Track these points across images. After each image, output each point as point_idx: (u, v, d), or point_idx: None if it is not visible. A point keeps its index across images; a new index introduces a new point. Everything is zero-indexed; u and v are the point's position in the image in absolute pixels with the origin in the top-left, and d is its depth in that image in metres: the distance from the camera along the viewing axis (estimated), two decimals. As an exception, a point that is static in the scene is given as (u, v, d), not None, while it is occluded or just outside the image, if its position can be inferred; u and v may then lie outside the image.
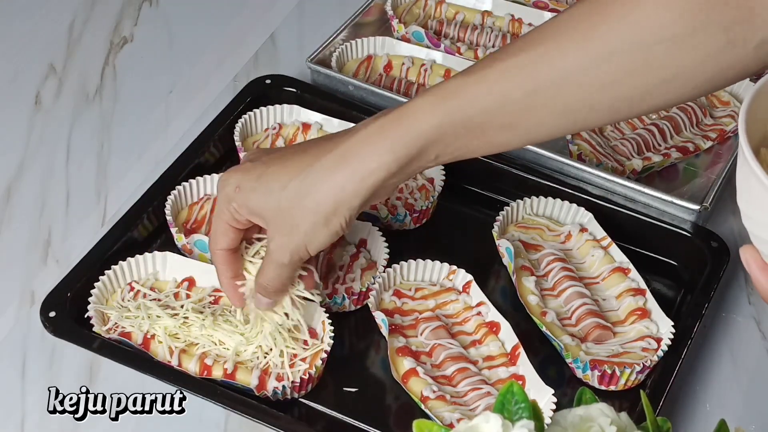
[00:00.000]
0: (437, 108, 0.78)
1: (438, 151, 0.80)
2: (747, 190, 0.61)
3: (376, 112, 0.82)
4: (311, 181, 0.81)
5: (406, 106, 0.80)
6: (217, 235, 0.87)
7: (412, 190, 1.04)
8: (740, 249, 0.63)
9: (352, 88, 1.13)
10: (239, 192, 0.83)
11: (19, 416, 0.90)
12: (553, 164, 1.05)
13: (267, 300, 0.88)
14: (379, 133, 0.80)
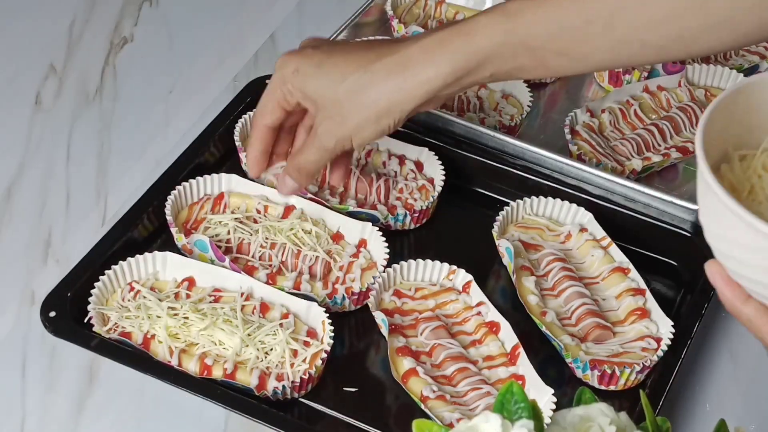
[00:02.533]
0: (497, 26, 0.82)
1: (494, 68, 0.83)
2: (707, 207, 0.61)
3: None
4: (369, 79, 0.84)
5: (467, 21, 0.83)
6: (264, 110, 0.91)
7: (412, 190, 1.04)
8: (705, 264, 0.64)
9: (352, 88, 1.13)
10: (296, 75, 0.87)
11: (19, 416, 0.90)
12: (553, 164, 1.05)
13: (293, 185, 0.91)
14: (439, 44, 0.83)
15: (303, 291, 0.94)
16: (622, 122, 1.12)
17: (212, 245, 0.96)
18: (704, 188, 0.61)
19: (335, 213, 1.00)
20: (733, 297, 0.64)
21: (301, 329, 0.92)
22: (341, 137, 0.87)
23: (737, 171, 0.65)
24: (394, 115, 0.85)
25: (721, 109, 0.64)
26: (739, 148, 0.66)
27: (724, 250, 0.62)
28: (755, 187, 0.64)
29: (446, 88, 0.84)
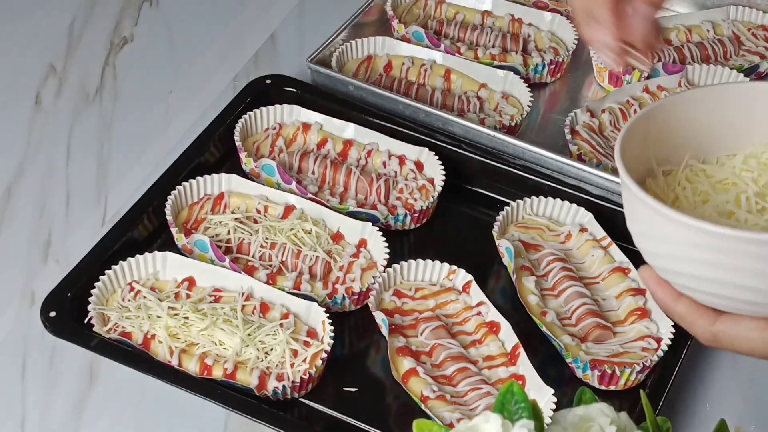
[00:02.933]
0: None
1: None
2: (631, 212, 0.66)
3: (376, 113, 0.81)
4: None
5: None
6: None
7: (412, 190, 1.04)
8: (639, 270, 0.67)
9: (352, 88, 1.13)
10: None
11: (19, 416, 0.90)
12: (553, 164, 1.05)
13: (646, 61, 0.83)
14: None
15: (303, 291, 0.94)
16: (622, 122, 1.12)
17: (212, 245, 0.96)
18: (627, 194, 0.65)
19: (335, 213, 1.00)
20: (664, 296, 0.66)
21: (301, 329, 0.92)
22: None
23: (662, 184, 0.70)
24: None
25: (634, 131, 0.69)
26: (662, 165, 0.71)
27: (652, 249, 0.66)
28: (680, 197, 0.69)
29: None
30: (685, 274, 0.64)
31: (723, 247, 0.61)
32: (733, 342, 0.65)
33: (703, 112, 0.72)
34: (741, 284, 0.62)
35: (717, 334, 0.65)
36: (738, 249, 0.61)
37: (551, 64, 1.18)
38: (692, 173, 0.71)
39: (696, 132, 0.72)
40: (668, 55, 1.18)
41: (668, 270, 0.66)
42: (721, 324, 0.65)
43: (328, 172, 1.05)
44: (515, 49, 1.19)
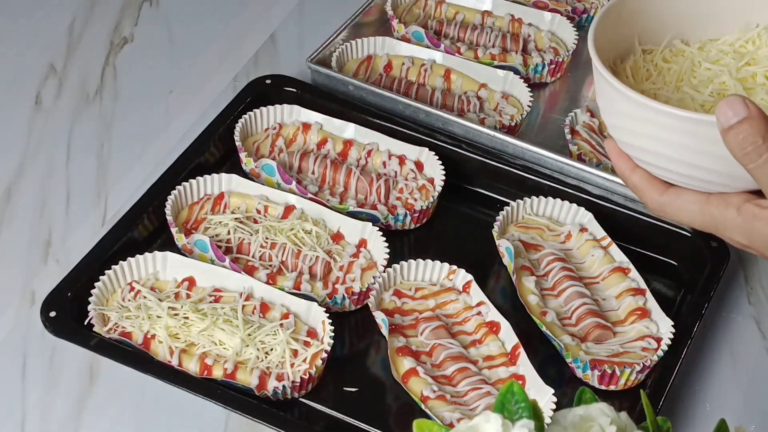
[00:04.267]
0: None
1: None
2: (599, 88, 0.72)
3: (376, 112, 0.82)
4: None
5: None
6: None
7: (412, 190, 1.04)
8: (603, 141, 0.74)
9: (352, 88, 1.13)
10: None
11: (19, 416, 0.90)
12: (553, 164, 1.05)
13: None
14: None
15: (303, 291, 0.94)
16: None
17: (212, 245, 0.96)
18: (596, 74, 0.71)
19: (335, 213, 1.00)
20: (623, 166, 0.73)
21: (301, 329, 0.92)
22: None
23: (639, 61, 0.76)
24: None
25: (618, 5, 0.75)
26: (644, 44, 0.78)
27: (614, 123, 0.72)
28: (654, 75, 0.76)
29: None
30: (638, 147, 0.71)
31: (671, 125, 0.66)
32: (676, 213, 0.71)
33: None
34: (683, 160, 0.68)
35: (663, 205, 0.72)
36: (680, 127, 0.66)
37: (551, 64, 1.18)
38: (672, 54, 0.77)
39: (681, 14, 0.77)
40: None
41: (626, 143, 0.72)
42: (667, 196, 0.71)
43: (328, 172, 1.05)
44: (515, 49, 1.19)
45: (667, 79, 0.75)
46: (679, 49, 0.77)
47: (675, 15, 0.77)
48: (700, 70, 0.75)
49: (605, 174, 1.03)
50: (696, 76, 0.75)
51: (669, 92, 0.74)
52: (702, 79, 0.75)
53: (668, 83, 0.75)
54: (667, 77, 0.75)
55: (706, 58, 0.76)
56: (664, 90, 0.74)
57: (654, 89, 0.75)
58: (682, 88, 0.74)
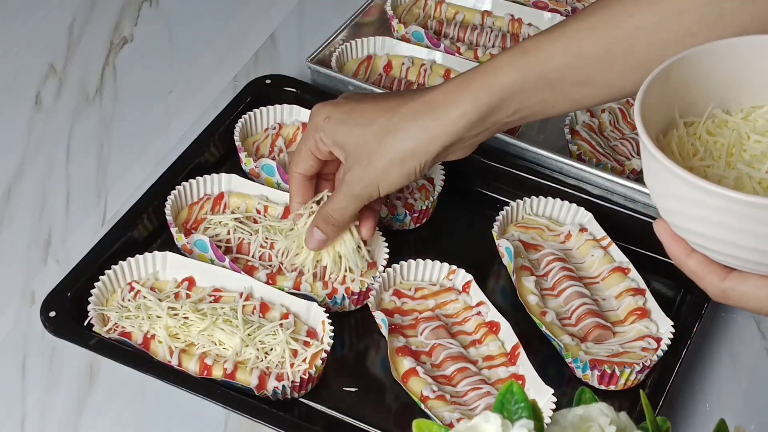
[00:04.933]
0: (516, 62, 0.83)
1: (517, 105, 0.85)
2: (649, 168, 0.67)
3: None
4: (396, 121, 0.86)
5: (488, 62, 0.85)
6: (299, 159, 0.92)
7: (412, 190, 1.04)
8: (654, 223, 0.69)
9: (352, 88, 1.13)
10: (328, 122, 0.89)
11: (19, 416, 0.90)
12: (553, 164, 1.05)
13: (321, 236, 0.91)
14: (462, 84, 0.85)
15: (303, 291, 0.94)
16: (622, 122, 1.12)
17: (212, 245, 0.96)
18: (645, 152, 0.66)
19: (335, 213, 1.00)
20: (678, 251, 0.68)
21: (301, 329, 0.92)
22: (367, 183, 0.88)
23: (683, 137, 0.71)
24: (419, 158, 0.86)
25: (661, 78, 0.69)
26: (685, 116, 0.72)
27: (667, 207, 0.67)
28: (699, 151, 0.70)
29: (470, 128, 0.85)
30: (696, 232, 0.66)
31: (730, 209, 0.62)
32: (741, 299, 0.67)
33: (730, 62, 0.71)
34: (749, 246, 0.63)
35: (726, 291, 0.67)
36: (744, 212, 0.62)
37: (551, 64, 1.18)
38: (714, 125, 0.72)
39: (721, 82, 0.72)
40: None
41: (681, 227, 0.67)
42: (730, 281, 0.66)
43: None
44: (515, 49, 1.19)
45: (715, 155, 0.70)
46: (722, 119, 0.72)
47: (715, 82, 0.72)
48: (749, 142, 0.70)
49: (605, 174, 1.03)
50: (746, 150, 0.70)
51: (721, 170, 0.69)
52: (754, 153, 0.69)
53: (717, 158, 0.70)
54: (714, 152, 0.70)
55: (753, 129, 0.71)
56: (714, 167, 0.69)
57: (703, 166, 0.69)
58: (736, 165, 0.69)
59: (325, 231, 0.91)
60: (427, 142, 0.86)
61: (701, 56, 0.71)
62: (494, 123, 0.86)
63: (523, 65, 0.83)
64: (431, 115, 0.85)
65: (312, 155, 0.92)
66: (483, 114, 0.85)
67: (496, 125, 0.86)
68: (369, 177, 0.87)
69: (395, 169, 0.87)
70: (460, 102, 0.84)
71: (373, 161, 0.87)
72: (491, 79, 0.84)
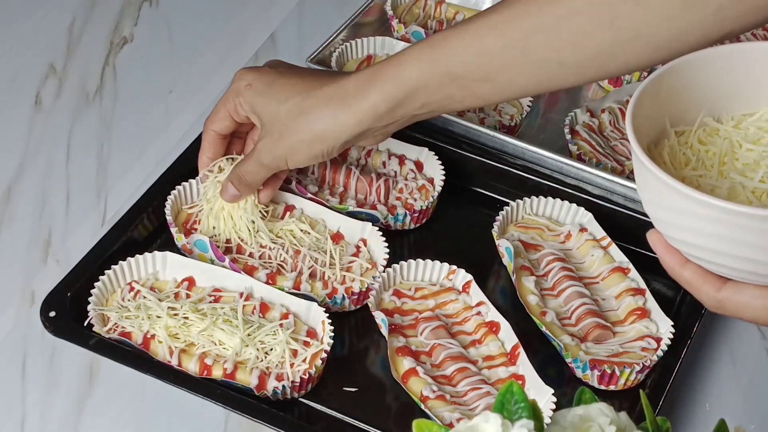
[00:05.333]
0: (423, 56, 0.85)
1: (424, 99, 0.86)
2: (642, 180, 0.67)
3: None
4: (309, 104, 0.89)
5: (398, 53, 0.87)
6: (216, 117, 0.96)
7: (412, 190, 1.04)
8: (647, 234, 0.69)
9: (352, 88, 1.13)
10: (249, 89, 0.92)
11: (19, 416, 0.90)
12: (553, 164, 1.05)
13: (234, 192, 0.95)
14: (372, 76, 0.87)
15: (303, 291, 0.94)
16: (622, 122, 1.12)
17: (212, 245, 0.96)
18: (637, 163, 0.66)
19: (335, 213, 1.00)
20: (672, 262, 0.68)
21: (301, 329, 0.92)
22: (277, 156, 0.91)
23: (674, 146, 0.71)
24: (327, 142, 0.89)
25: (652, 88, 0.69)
26: (676, 125, 0.72)
27: (661, 218, 0.67)
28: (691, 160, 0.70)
29: (379, 119, 0.88)
30: (690, 243, 0.65)
31: (724, 219, 0.61)
32: (737, 309, 0.66)
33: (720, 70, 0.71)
34: (744, 256, 0.63)
35: (722, 301, 0.67)
36: (738, 223, 0.61)
37: (551, 64, 1.18)
38: (706, 134, 0.71)
39: (712, 90, 0.72)
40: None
41: (675, 238, 0.66)
42: (725, 291, 0.66)
43: (327, 172, 1.05)
44: (515, 49, 1.19)
45: (707, 164, 0.70)
46: (713, 128, 0.72)
47: (706, 91, 0.72)
48: (741, 151, 0.70)
49: (605, 174, 1.03)
50: (738, 158, 0.70)
51: (713, 179, 0.68)
52: (746, 161, 0.69)
53: (709, 168, 0.69)
54: (706, 161, 0.70)
55: (745, 138, 0.71)
56: (707, 177, 0.69)
57: (696, 176, 0.69)
58: (729, 175, 0.68)
59: (239, 188, 0.95)
60: (335, 129, 0.88)
61: (691, 65, 0.71)
62: (403, 115, 0.88)
63: (428, 60, 0.85)
64: (341, 104, 0.88)
65: (229, 116, 0.95)
66: (390, 107, 0.87)
67: (405, 117, 0.88)
68: (278, 151, 0.91)
69: (303, 148, 0.90)
70: (369, 93, 0.86)
71: (284, 137, 0.90)
72: (398, 72, 0.86)
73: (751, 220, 0.61)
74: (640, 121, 0.67)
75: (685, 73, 0.71)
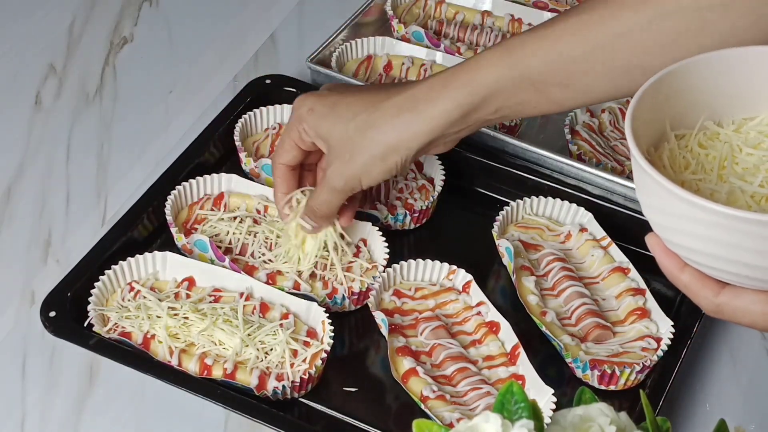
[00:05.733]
0: (500, 61, 0.83)
1: (499, 103, 0.84)
2: (641, 183, 0.66)
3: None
4: (379, 116, 0.86)
5: (472, 59, 0.85)
6: (282, 150, 0.93)
7: (412, 190, 1.04)
8: (645, 237, 0.68)
9: (352, 88, 1.13)
10: (311, 114, 0.89)
11: (19, 416, 0.90)
12: (553, 164, 1.05)
13: (312, 224, 0.93)
14: (444, 82, 0.85)
15: (303, 291, 0.94)
16: (622, 122, 1.12)
17: (212, 245, 0.96)
18: (636, 167, 0.65)
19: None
20: (671, 266, 0.67)
21: (301, 329, 0.92)
22: (350, 176, 0.88)
23: (674, 150, 0.70)
24: (401, 153, 0.86)
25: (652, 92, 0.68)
26: (676, 129, 0.71)
27: (659, 222, 0.66)
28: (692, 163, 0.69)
29: (452, 125, 0.86)
30: (688, 247, 0.65)
31: (722, 224, 0.61)
32: (735, 313, 0.66)
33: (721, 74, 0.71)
34: (742, 261, 0.63)
35: (720, 306, 0.66)
36: (737, 227, 0.61)
37: (551, 64, 1.18)
38: (706, 138, 0.71)
39: (712, 94, 0.71)
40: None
41: (673, 242, 0.66)
42: (724, 296, 0.66)
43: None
44: (515, 49, 1.19)
45: (706, 168, 0.69)
46: (713, 132, 0.71)
47: (706, 94, 0.71)
48: (741, 155, 0.69)
49: (605, 174, 1.03)
50: (738, 162, 0.69)
51: (713, 183, 0.68)
52: (746, 165, 0.69)
53: (709, 172, 0.69)
54: (706, 165, 0.69)
55: (745, 142, 0.70)
56: (706, 181, 0.68)
57: (695, 180, 0.68)
58: (729, 179, 0.68)
59: (315, 221, 0.93)
60: (409, 138, 0.86)
61: (692, 68, 0.70)
62: (476, 120, 0.86)
63: (505, 64, 0.83)
64: (413, 112, 0.85)
65: (296, 146, 0.92)
66: (464, 112, 0.85)
67: (477, 122, 0.87)
68: (351, 171, 0.88)
69: (377, 164, 0.87)
70: (442, 99, 0.84)
71: (355, 156, 0.87)
72: (474, 77, 0.84)
73: (750, 225, 0.60)
74: (640, 124, 0.67)
75: (685, 77, 0.70)
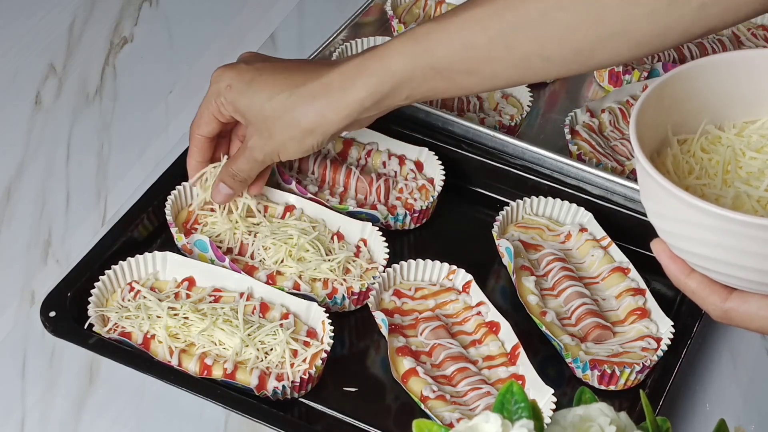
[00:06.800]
0: (407, 50, 0.86)
1: (409, 90, 0.87)
2: (646, 189, 0.66)
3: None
4: (295, 101, 0.90)
5: (381, 46, 0.88)
6: (201, 121, 0.96)
7: (412, 190, 1.04)
8: (651, 243, 0.68)
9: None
10: (229, 90, 0.93)
11: (19, 416, 0.90)
12: (553, 164, 1.05)
13: (227, 191, 0.97)
14: (356, 70, 0.88)
15: (303, 291, 0.94)
16: (622, 122, 1.12)
17: (212, 245, 0.96)
18: (642, 172, 0.66)
19: (335, 213, 1.00)
20: (677, 271, 0.67)
21: (301, 329, 0.92)
22: (268, 152, 0.93)
23: (677, 154, 0.70)
24: (317, 137, 0.91)
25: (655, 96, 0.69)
26: (678, 133, 0.71)
27: (665, 227, 0.66)
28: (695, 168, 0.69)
29: (365, 111, 0.89)
30: (695, 253, 0.65)
31: (729, 229, 0.61)
32: (743, 319, 0.66)
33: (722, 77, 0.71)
34: (750, 266, 0.62)
35: (728, 311, 0.66)
36: (744, 232, 0.61)
37: (551, 64, 1.18)
38: (708, 142, 0.71)
39: (713, 98, 0.71)
40: (668, 55, 1.18)
41: (680, 248, 0.66)
42: (732, 302, 0.66)
43: (327, 172, 1.05)
44: (515, 49, 1.19)
45: (710, 172, 0.69)
46: (715, 136, 0.71)
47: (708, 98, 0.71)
48: (745, 159, 0.69)
49: (605, 174, 1.03)
50: (742, 166, 0.69)
51: (717, 188, 0.67)
52: (750, 170, 0.68)
53: (713, 176, 0.69)
54: (709, 169, 0.69)
55: (748, 145, 0.70)
56: (711, 186, 0.68)
57: (699, 185, 0.68)
58: (734, 183, 0.68)
59: (232, 186, 0.96)
60: (323, 123, 0.89)
61: (694, 72, 0.70)
62: (388, 106, 0.89)
63: (412, 53, 0.86)
64: (327, 99, 0.88)
65: (214, 118, 0.95)
66: (376, 100, 0.88)
67: (389, 107, 0.90)
68: (270, 147, 0.92)
69: (294, 143, 0.91)
70: (355, 88, 0.87)
71: (274, 134, 0.91)
72: (383, 65, 0.87)
73: (758, 229, 0.60)
74: (644, 129, 0.67)
75: (688, 81, 0.70)
